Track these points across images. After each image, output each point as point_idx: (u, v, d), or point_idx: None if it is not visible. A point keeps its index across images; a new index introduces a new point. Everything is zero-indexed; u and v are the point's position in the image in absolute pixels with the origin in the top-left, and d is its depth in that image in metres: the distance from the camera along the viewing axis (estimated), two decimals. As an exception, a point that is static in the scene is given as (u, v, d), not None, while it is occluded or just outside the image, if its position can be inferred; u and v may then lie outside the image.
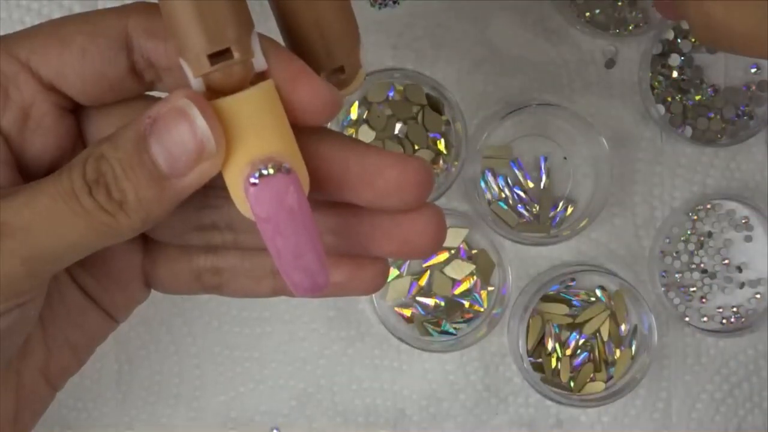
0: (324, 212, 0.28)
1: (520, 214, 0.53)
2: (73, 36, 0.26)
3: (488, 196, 0.53)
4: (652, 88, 0.53)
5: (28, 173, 0.27)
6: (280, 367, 0.53)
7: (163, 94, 0.27)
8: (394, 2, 0.50)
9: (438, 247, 0.28)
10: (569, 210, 0.54)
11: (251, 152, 0.25)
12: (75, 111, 0.28)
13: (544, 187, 0.54)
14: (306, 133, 0.26)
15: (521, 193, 0.53)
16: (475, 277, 0.53)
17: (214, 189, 0.26)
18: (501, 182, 0.53)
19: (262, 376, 0.53)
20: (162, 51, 0.26)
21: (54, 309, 0.29)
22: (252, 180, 0.25)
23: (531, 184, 0.53)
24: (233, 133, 0.25)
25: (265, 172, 0.25)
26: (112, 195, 0.24)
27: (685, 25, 0.53)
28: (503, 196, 0.53)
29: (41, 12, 0.51)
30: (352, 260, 0.29)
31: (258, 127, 0.25)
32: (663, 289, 0.54)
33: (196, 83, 0.25)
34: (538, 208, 0.53)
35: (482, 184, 0.53)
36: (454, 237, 0.53)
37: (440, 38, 0.53)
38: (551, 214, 0.53)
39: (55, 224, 0.24)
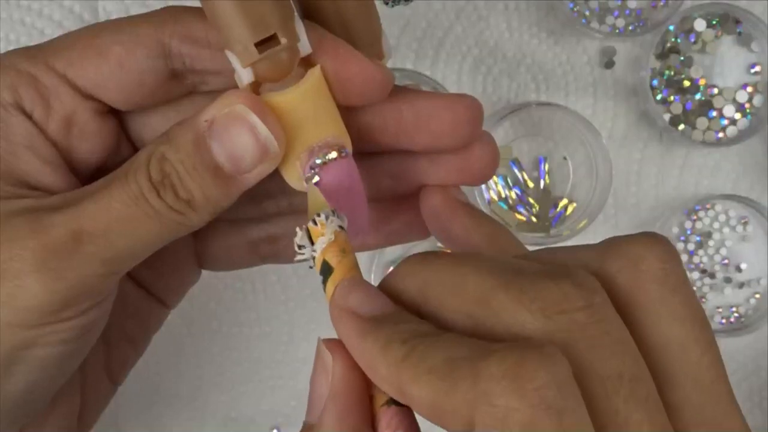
0: (380, 158, 0.29)
1: (520, 214, 0.53)
2: (110, 47, 0.27)
3: (488, 196, 0.53)
4: (652, 88, 0.53)
5: (78, 174, 0.28)
6: (280, 367, 0.53)
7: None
8: (407, 0, 0.50)
9: (494, 170, 0.29)
10: (569, 210, 0.54)
11: (309, 140, 0.26)
12: (116, 112, 0.29)
13: (544, 187, 0.54)
14: None
15: (521, 193, 0.53)
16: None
17: None
18: (501, 182, 0.53)
19: (262, 376, 0.53)
20: (206, 56, 0.26)
21: (113, 305, 0.30)
22: (311, 166, 0.26)
23: (531, 184, 0.54)
24: (288, 124, 0.26)
25: (324, 159, 0.26)
26: (180, 195, 0.25)
27: (685, 25, 0.53)
28: (503, 196, 0.53)
29: (42, 12, 0.51)
30: (410, 207, 0.30)
31: (313, 115, 0.26)
32: (663, 289, 0.53)
33: (245, 74, 0.25)
34: (538, 208, 0.53)
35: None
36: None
37: (440, 38, 0.53)
38: (551, 214, 0.53)
39: (130, 227, 0.25)
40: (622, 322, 0.22)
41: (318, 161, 0.26)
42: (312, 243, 0.25)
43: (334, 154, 0.26)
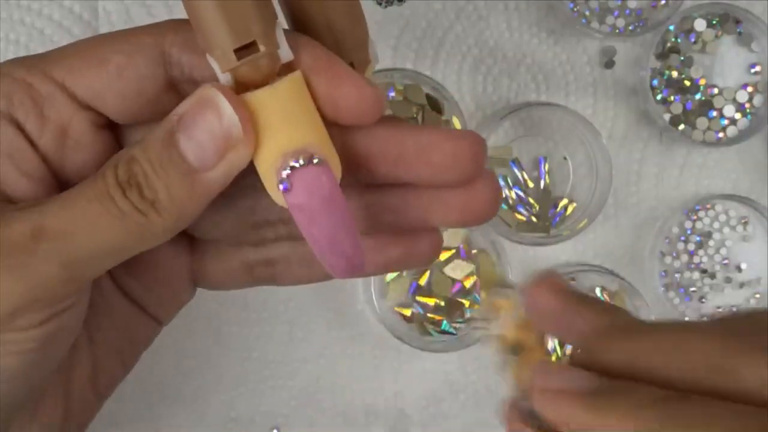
0: (381, 191, 0.29)
1: (520, 214, 0.53)
2: (109, 56, 0.26)
3: (488, 196, 0.53)
4: (652, 88, 0.53)
5: (69, 188, 0.27)
6: (280, 367, 0.53)
7: None
8: (400, 0, 0.50)
9: (496, 210, 0.28)
10: (569, 210, 0.54)
11: (282, 144, 0.25)
12: (113, 127, 0.28)
13: (544, 187, 0.54)
14: None
15: (521, 193, 0.53)
16: (475, 277, 0.53)
17: (264, 188, 0.27)
18: (501, 182, 0.53)
19: (262, 376, 0.53)
20: (204, 65, 0.26)
21: (100, 318, 0.29)
22: (284, 172, 0.25)
23: (531, 184, 0.54)
24: (264, 126, 0.25)
25: (296, 163, 0.25)
26: (144, 194, 0.25)
27: (685, 25, 0.53)
28: (503, 196, 0.53)
29: (41, 12, 0.51)
30: (408, 235, 0.29)
31: (288, 119, 0.25)
32: (662, 289, 0.54)
33: (224, 78, 0.25)
34: (538, 208, 0.53)
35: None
36: (454, 237, 0.53)
37: (440, 38, 0.53)
38: (551, 214, 0.53)
39: (92, 226, 0.24)
40: None
41: (288, 167, 0.25)
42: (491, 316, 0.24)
43: (302, 161, 0.25)
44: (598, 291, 0.54)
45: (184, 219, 0.25)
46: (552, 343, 0.53)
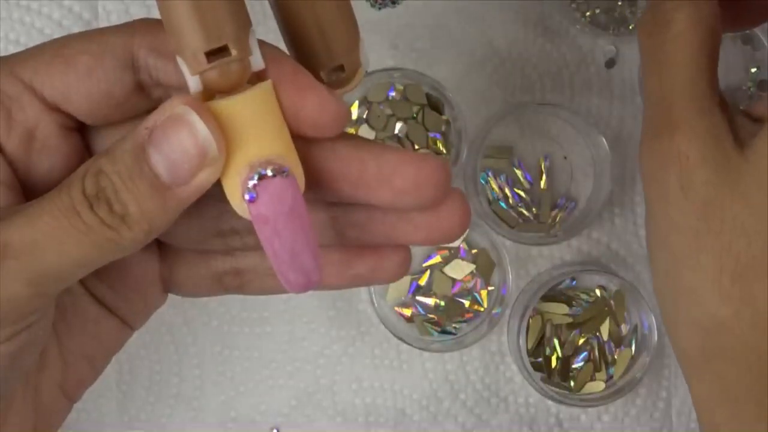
0: (345, 207, 0.28)
1: (520, 214, 0.53)
2: (77, 56, 0.26)
3: (488, 196, 0.53)
4: (652, 88, 0.53)
5: (35, 194, 0.27)
6: (280, 367, 0.53)
7: None
8: (393, 2, 0.50)
9: (464, 231, 0.28)
10: (569, 210, 0.54)
11: (249, 155, 0.25)
12: (81, 129, 0.28)
13: (544, 187, 0.54)
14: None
15: (521, 193, 0.53)
16: (475, 277, 0.53)
17: None
18: (501, 182, 0.53)
19: (262, 376, 0.53)
20: (170, 69, 0.26)
21: (69, 323, 0.29)
22: (250, 183, 0.25)
23: (531, 184, 0.54)
24: (231, 135, 0.25)
25: (264, 173, 0.25)
26: (114, 209, 0.24)
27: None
28: (503, 196, 0.53)
29: (41, 12, 0.51)
30: (375, 251, 0.29)
31: (256, 128, 0.25)
32: (663, 288, 0.54)
33: (193, 82, 0.24)
34: (538, 208, 0.53)
35: (482, 184, 0.53)
36: (454, 237, 0.53)
37: (440, 38, 0.53)
38: (551, 214, 0.53)
39: (58, 242, 0.24)
40: None
41: (255, 177, 0.24)
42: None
43: (271, 171, 0.24)
44: (598, 291, 0.54)
45: (154, 231, 0.25)
46: (552, 343, 0.53)
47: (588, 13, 0.53)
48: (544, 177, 0.54)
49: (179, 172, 0.24)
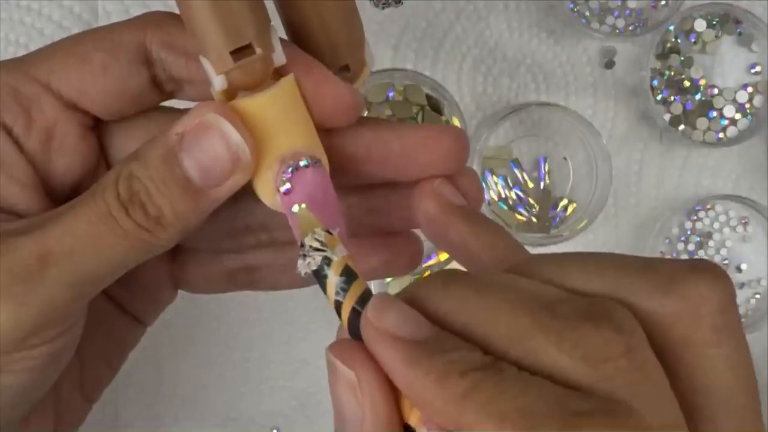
0: (362, 193, 0.29)
1: (520, 215, 0.53)
2: (92, 53, 0.26)
3: (488, 196, 0.53)
4: (652, 88, 0.53)
5: (53, 193, 0.27)
6: (280, 367, 0.53)
7: (183, 104, 0.27)
8: (397, 2, 0.50)
9: (481, 202, 0.29)
10: (569, 210, 0.54)
11: (280, 148, 0.25)
12: (96, 128, 0.28)
13: (544, 187, 0.54)
14: None
15: (521, 193, 0.53)
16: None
17: (245, 194, 0.27)
18: (501, 182, 0.53)
19: (262, 376, 0.53)
20: (182, 64, 0.26)
21: (86, 323, 0.29)
22: (285, 175, 0.25)
23: (531, 184, 0.54)
24: (259, 132, 0.25)
25: (298, 165, 0.25)
26: (149, 212, 0.25)
27: (685, 26, 0.53)
28: (503, 196, 0.53)
29: (41, 12, 0.51)
30: (389, 245, 0.29)
31: (284, 123, 0.25)
32: (663, 289, 0.53)
33: (218, 81, 0.25)
34: (538, 208, 0.53)
35: (482, 185, 0.53)
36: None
37: (440, 38, 0.53)
38: (551, 214, 0.53)
39: (96, 247, 0.25)
40: (658, 363, 0.21)
41: (289, 169, 0.25)
42: (323, 248, 0.24)
43: (305, 162, 0.25)
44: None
45: (187, 231, 0.26)
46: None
47: (587, 13, 0.53)
48: (544, 177, 0.54)
49: (211, 175, 0.25)
